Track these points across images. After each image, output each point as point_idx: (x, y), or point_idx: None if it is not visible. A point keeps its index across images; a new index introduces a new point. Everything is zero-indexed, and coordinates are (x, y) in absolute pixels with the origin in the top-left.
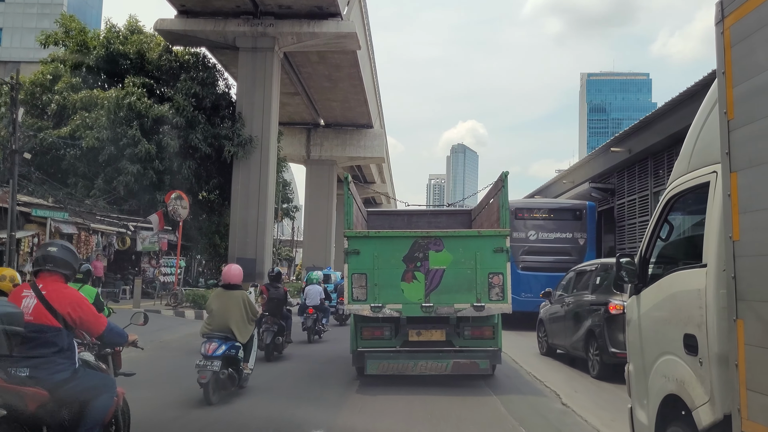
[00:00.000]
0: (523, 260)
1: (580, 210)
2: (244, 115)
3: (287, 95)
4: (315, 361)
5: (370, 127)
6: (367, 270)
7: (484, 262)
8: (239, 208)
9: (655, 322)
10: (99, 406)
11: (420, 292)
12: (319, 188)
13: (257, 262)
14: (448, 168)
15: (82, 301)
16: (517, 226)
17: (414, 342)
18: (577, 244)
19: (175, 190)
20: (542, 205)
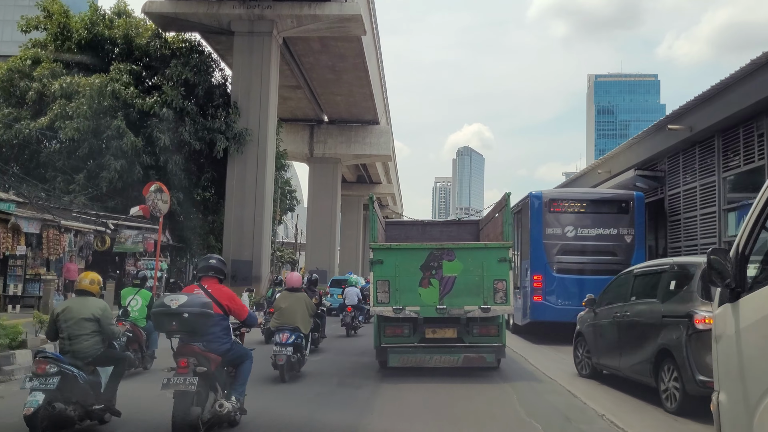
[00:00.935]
0: (558, 261)
1: (627, 201)
2: (240, 105)
3: (288, 89)
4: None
5: (376, 123)
6: (389, 277)
7: (489, 270)
8: (234, 207)
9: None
10: (246, 368)
11: (435, 296)
12: (322, 188)
13: (254, 264)
14: (454, 171)
15: (233, 296)
16: (551, 220)
17: (430, 339)
18: (623, 241)
19: (154, 182)
20: (581, 196)
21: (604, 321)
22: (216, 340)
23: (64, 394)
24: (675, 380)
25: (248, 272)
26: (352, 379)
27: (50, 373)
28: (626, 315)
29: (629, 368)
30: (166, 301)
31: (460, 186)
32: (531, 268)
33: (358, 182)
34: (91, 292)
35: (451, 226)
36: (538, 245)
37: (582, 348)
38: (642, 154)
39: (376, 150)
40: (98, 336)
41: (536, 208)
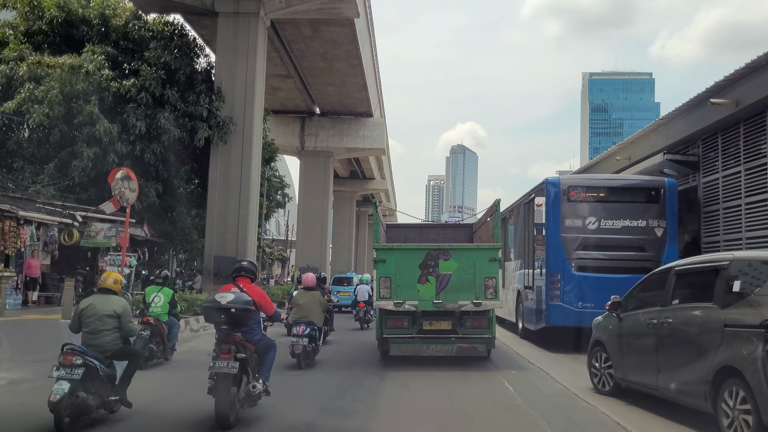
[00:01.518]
0: (578, 258)
1: (658, 189)
2: (224, 91)
3: (278, 78)
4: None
5: (370, 115)
6: (391, 274)
7: (481, 269)
8: (217, 200)
9: None
10: (271, 356)
11: (432, 292)
12: (313, 182)
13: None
14: (448, 169)
15: (263, 293)
16: (570, 210)
17: (427, 330)
18: (653, 235)
19: (121, 168)
20: (605, 182)
21: (633, 329)
22: (251, 331)
23: (86, 384)
24: (744, 408)
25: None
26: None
27: (76, 365)
28: (667, 322)
29: (673, 388)
30: (216, 297)
31: (453, 184)
32: (547, 265)
33: (351, 178)
34: (113, 291)
35: (446, 229)
36: (555, 239)
37: (600, 360)
38: (670, 137)
39: (370, 143)
40: (118, 332)
41: (553, 197)
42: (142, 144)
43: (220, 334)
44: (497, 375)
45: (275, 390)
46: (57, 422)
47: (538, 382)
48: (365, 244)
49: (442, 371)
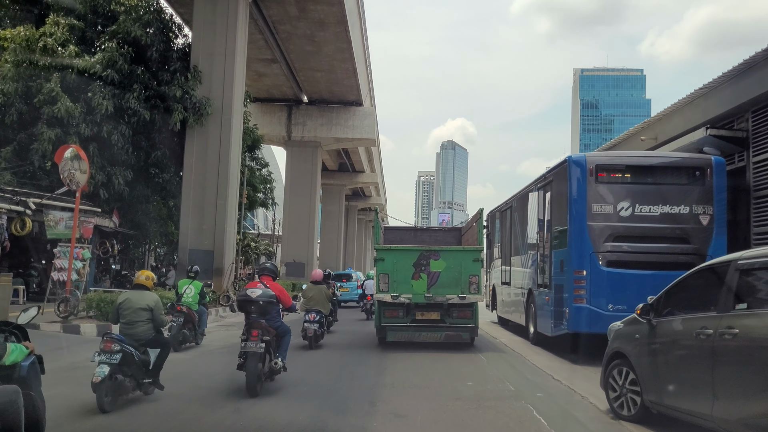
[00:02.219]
0: (608, 251)
1: (703, 168)
2: (202, 70)
3: (263, 63)
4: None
5: (360, 104)
6: (388, 271)
7: (466, 267)
8: (193, 189)
9: None
10: (288, 339)
11: (424, 287)
12: (301, 173)
13: (215, 255)
14: (438, 165)
15: (282, 289)
16: (599, 194)
17: (419, 320)
18: (697, 223)
19: (69, 145)
20: (641, 160)
21: (674, 339)
22: (273, 319)
23: (123, 368)
24: None
25: (208, 264)
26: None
27: (114, 351)
28: (730, 333)
29: (739, 422)
30: (248, 292)
31: (443, 180)
32: (570, 260)
33: (340, 170)
34: (146, 287)
35: (438, 232)
36: (580, 229)
37: (622, 377)
38: (711, 110)
39: (359, 133)
40: (151, 323)
41: (577, 178)
42: (110, 126)
43: (249, 321)
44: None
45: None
46: (99, 401)
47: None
48: (354, 239)
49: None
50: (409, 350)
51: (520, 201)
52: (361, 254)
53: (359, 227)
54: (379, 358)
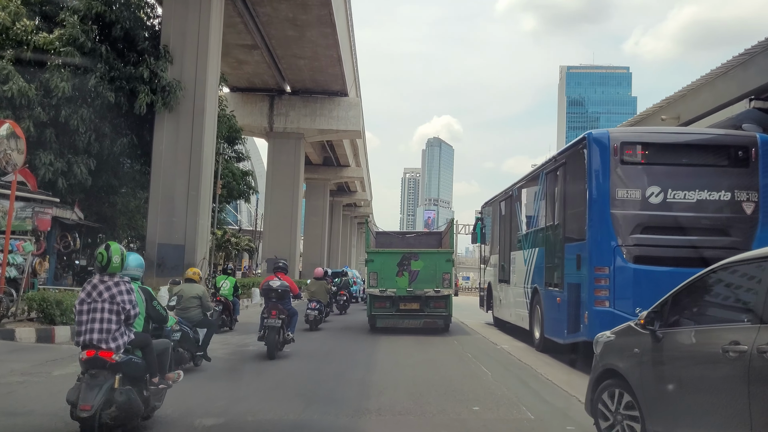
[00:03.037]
0: (636, 244)
1: (747, 148)
2: (172, 51)
3: (243, 49)
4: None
5: (345, 95)
6: (377, 270)
7: (440, 267)
8: (163, 179)
9: None
10: (296, 318)
11: (406, 282)
12: (283, 166)
13: (186, 249)
14: (424, 162)
15: (292, 281)
16: (624, 177)
17: (402, 309)
18: (739, 212)
19: (5, 121)
20: (673, 137)
21: (690, 355)
22: (286, 303)
23: (182, 343)
24: None
25: (179, 259)
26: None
27: (176, 330)
28: (766, 347)
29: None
30: (270, 283)
31: (429, 177)
32: (589, 255)
33: (325, 165)
34: (195, 280)
35: (422, 236)
36: (602, 218)
37: (616, 401)
38: (750, 81)
39: (344, 125)
40: (200, 309)
41: (598, 158)
42: (69, 109)
43: (269, 304)
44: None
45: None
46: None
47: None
48: (339, 235)
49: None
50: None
51: (524, 189)
52: (346, 251)
53: (344, 223)
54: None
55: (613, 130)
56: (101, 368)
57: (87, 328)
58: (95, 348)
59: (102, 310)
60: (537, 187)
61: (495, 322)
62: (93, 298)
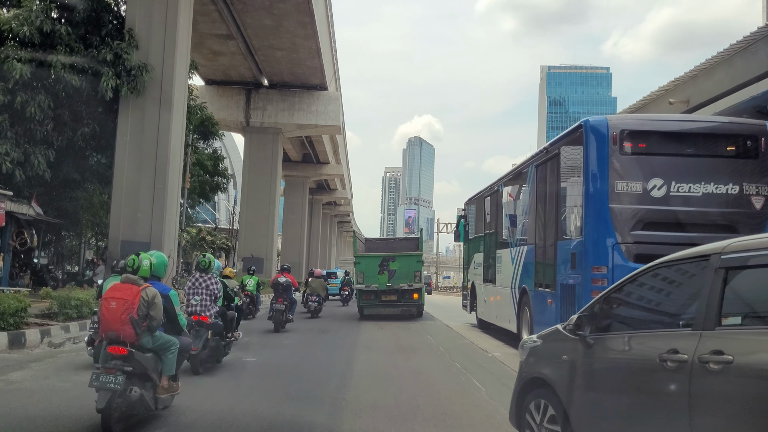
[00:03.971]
0: (637, 241)
1: (756, 137)
2: (138, 34)
3: (218, 39)
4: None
5: (324, 88)
6: (363, 270)
7: (412, 266)
8: (127, 170)
9: None
10: (295, 305)
11: (386, 279)
12: (260, 162)
13: (152, 247)
14: (404, 161)
15: (293, 278)
16: (623, 168)
17: (384, 300)
18: (748, 206)
19: None
20: (678, 125)
21: (624, 365)
22: (288, 294)
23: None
24: None
25: None
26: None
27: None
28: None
29: None
30: (279, 279)
31: (410, 176)
32: (586, 253)
33: (304, 162)
34: (230, 276)
35: (402, 241)
36: (600, 213)
37: (541, 413)
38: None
39: (323, 120)
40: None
41: (596, 148)
42: (26, 95)
43: (276, 293)
44: None
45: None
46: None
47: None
48: (319, 234)
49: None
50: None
51: (511, 183)
52: (327, 250)
53: (324, 222)
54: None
55: (611, 117)
56: (200, 327)
57: (192, 303)
58: (198, 315)
59: (201, 293)
60: (526, 182)
61: (479, 324)
62: (196, 286)
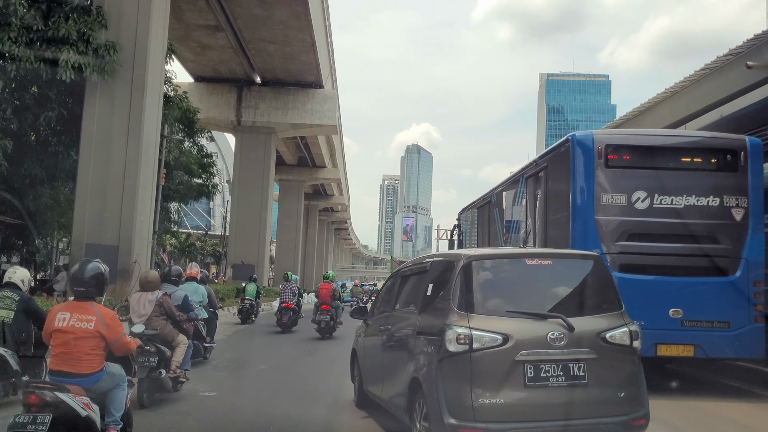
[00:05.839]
0: (621, 252)
1: (736, 151)
2: (107, 12)
3: (206, 31)
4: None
5: (320, 86)
6: None
7: None
8: (93, 164)
9: None
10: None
11: None
12: (252, 163)
13: (120, 251)
14: (402, 169)
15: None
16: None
17: None
18: (729, 218)
19: None
20: (660, 140)
21: (372, 335)
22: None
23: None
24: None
25: (111, 264)
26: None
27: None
28: (388, 328)
29: (389, 400)
30: (281, 286)
31: (408, 184)
32: None
33: (300, 165)
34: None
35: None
36: (586, 225)
37: (356, 370)
38: None
39: (319, 119)
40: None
41: (582, 161)
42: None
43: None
44: None
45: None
46: None
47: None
48: (315, 241)
49: None
50: None
51: (504, 193)
52: (323, 257)
53: (320, 229)
54: None
55: (597, 131)
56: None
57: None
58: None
59: (288, 292)
60: (517, 193)
61: None
62: (284, 288)
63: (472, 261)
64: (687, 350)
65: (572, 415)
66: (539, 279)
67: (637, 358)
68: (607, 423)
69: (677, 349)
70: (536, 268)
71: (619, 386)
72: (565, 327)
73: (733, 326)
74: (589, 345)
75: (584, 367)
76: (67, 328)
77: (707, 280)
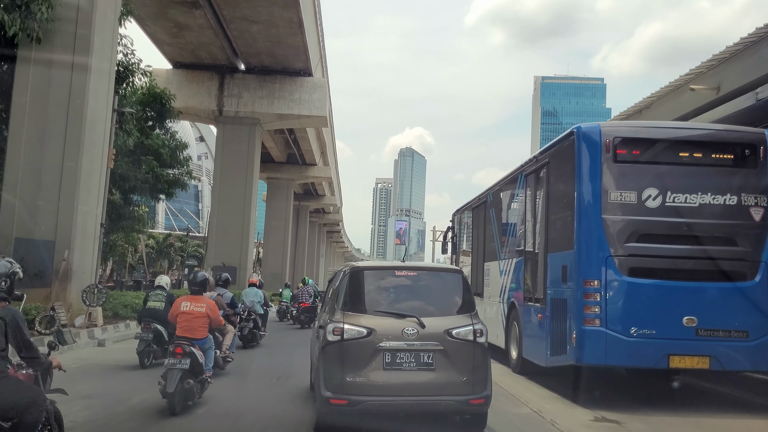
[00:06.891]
0: (631, 254)
1: (754, 146)
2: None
3: (182, 8)
4: None
5: (309, 74)
6: None
7: None
8: (26, 142)
9: None
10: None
11: None
12: (235, 156)
13: (57, 247)
14: (396, 172)
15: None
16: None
17: None
18: (747, 218)
19: None
20: (673, 132)
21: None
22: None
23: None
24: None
25: (45, 262)
26: None
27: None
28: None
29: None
30: (299, 289)
31: (401, 187)
32: (578, 266)
33: (289, 162)
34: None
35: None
36: (593, 224)
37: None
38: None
39: (308, 109)
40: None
41: (588, 156)
42: None
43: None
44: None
45: None
46: None
47: None
48: (306, 243)
49: None
50: None
51: (501, 193)
52: (314, 260)
53: (311, 230)
54: None
55: (604, 123)
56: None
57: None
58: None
59: (305, 294)
60: (515, 192)
61: None
62: (301, 291)
63: (353, 271)
64: (702, 362)
65: (421, 393)
66: (406, 287)
67: (480, 350)
68: (449, 401)
69: (692, 360)
70: (404, 279)
71: (461, 372)
72: (418, 324)
73: (752, 336)
74: (437, 339)
75: (433, 356)
76: (189, 311)
77: (724, 286)
